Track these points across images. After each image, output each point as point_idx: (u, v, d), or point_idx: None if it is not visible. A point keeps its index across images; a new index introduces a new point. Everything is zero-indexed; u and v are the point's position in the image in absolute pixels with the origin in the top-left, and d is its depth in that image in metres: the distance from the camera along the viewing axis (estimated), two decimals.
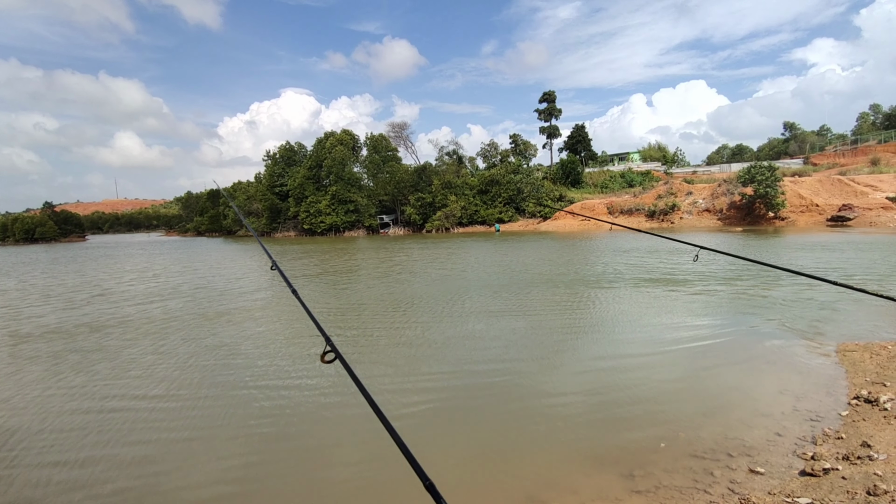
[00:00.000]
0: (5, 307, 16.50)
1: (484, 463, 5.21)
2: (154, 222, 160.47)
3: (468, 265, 23.99)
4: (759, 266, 18.52)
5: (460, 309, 13.03)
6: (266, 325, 12.28)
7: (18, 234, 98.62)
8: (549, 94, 74.97)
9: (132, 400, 7.21)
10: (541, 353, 8.92)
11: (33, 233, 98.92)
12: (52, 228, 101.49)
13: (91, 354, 9.82)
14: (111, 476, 5.12)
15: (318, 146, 74.98)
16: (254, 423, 6.29)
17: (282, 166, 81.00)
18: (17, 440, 6.01)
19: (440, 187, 66.29)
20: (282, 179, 79.61)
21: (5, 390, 7.90)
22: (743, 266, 18.65)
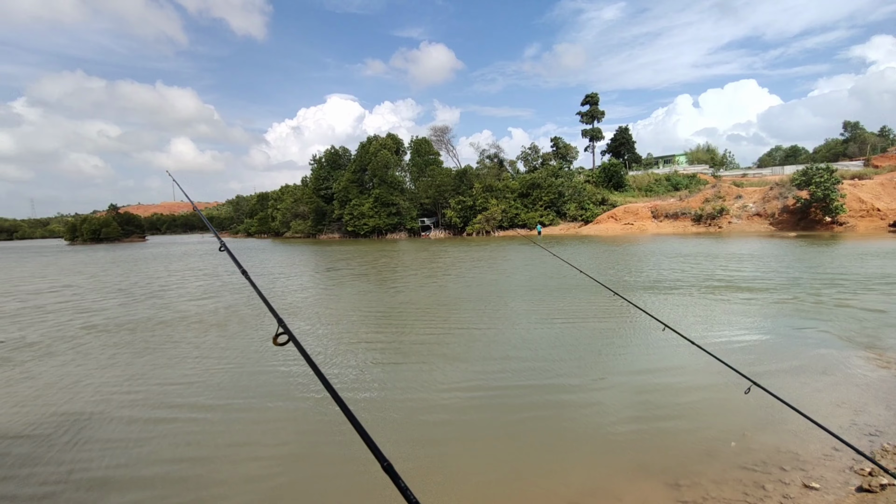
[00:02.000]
0: (78, 299, 17.84)
1: (523, 468, 5.22)
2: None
3: (510, 268, 24.09)
4: (814, 272, 17.84)
5: (503, 312, 13.20)
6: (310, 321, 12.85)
7: (86, 235, 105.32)
8: (592, 97, 73.93)
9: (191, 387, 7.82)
10: (583, 357, 8.95)
11: (99, 233, 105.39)
12: (116, 229, 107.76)
13: (161, 346, 10.59)
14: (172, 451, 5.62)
15: (362, 150, 76.60)
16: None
17: (327, 170, 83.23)
18: (78, 424, 6.65)
19: (481, 190, 66.45)
20: (327, 183, 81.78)
21: (76, 377, 8.68)
22: (798, 272, 17.99)
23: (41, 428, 6.66)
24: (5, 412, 7.32)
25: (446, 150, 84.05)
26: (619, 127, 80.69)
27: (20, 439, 6.33)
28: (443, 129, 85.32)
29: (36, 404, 7.61)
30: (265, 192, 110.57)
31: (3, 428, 6.73)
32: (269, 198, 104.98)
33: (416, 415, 6.73)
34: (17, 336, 12.59)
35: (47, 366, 9.75)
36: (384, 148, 74.17)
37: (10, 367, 9.71)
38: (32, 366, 9.79)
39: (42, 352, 10.88)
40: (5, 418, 7.09)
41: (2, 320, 14.97)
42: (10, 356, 10.59)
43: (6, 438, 6.37)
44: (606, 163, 70.47)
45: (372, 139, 77.25)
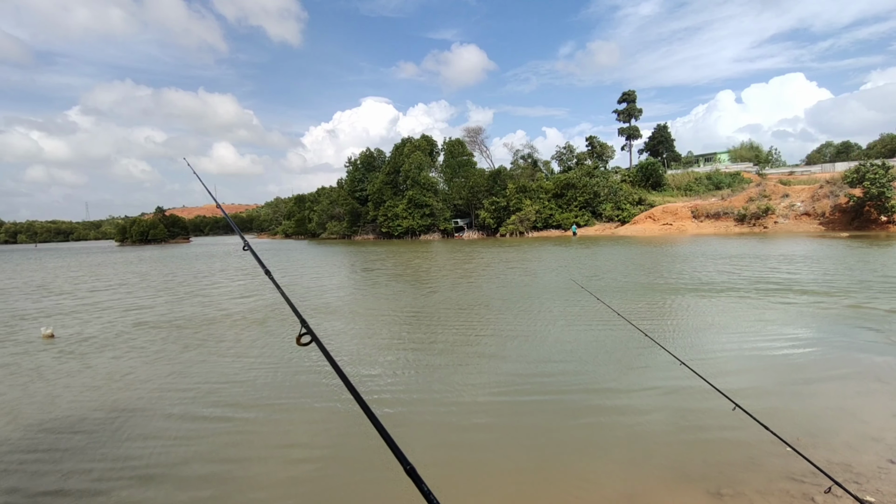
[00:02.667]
0: (130, 297, 18.75)
1: (555, 473, 5.18)
2: (248, 225, 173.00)
3: (544, 269, 23.89)
4: (877, 274, 16.99)
5: (537, 314, 13.14)
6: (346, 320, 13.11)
7: (135, 236, 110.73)
8: (629, 94, 72.46)
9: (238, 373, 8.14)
10: (622, 361, 8.83)
11: (147, 235, 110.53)
12: (163, 231, 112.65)
13: (205, 342, 11.04)
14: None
15: (396, 152, 77.44)
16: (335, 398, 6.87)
17: (362, 172, 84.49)
18: (126, 417, 7.01)
19: (514, 191, 66.09)
20: (362, 184, 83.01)
21: (127, 371, 9.14)
22: (862, 274, 17.18)
23: (92, 421, 7.07)
24: (65, 403, 7.80)
25: (480, 151, 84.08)
26: (658, 125, 78.83)
27: (75, 432, 6.74)
28: (476, 130, 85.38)
29: (90, 397, 8.07)
30: (302, 194, 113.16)
31: (61, 418, 7.18)
32: (305, 200, 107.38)
33: (446, 416, 6.80)
34: (75, 331, 13.34)
35: (102, 359, 10.31)
36: (418, 149, 74.73)
37: (71, 359, 10.32)
38: (88, 359, 10.37)
39: (97, 346, 11.50)
40: (64, 409, 7.56)
41: (63, 316, 15.90)
42: (72, 349, 11.26)
43: (62, 430, 6.80)
44: (644, 162, 68.92)
45: (406, 141, 77.97)
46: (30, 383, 8.99)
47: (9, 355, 11.13)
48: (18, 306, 19.20)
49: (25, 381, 9.10)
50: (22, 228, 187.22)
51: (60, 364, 10.22)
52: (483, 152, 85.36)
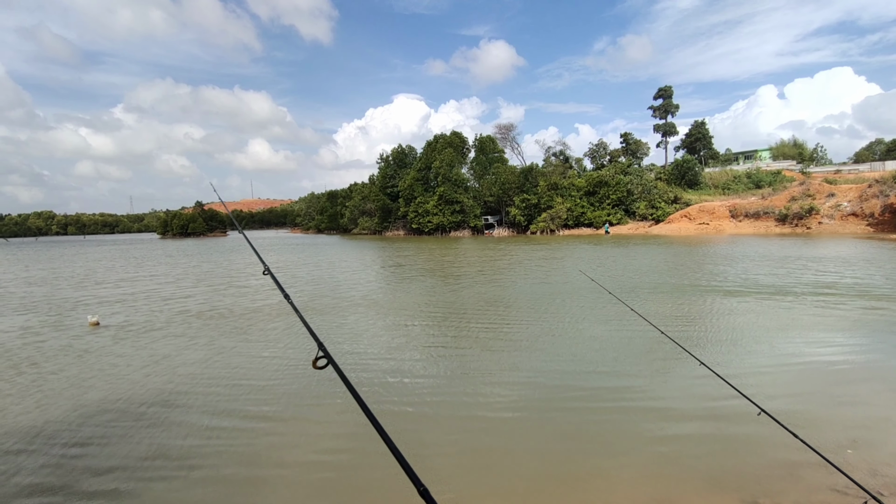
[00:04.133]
0: (172, 287, 19.49)
1: (579, 473, 5.16)
2: (281, 220, 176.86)
3: (575, 267, 23.62)
4: None
5: (567, 310, 13.05)
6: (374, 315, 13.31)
7: (176, 229, 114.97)
8: (666, 90, 70.63)
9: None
10: (653, 363, 8.70)
11: (187, 228, 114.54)
12: (201, 224, 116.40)
13: (242, 332, 11.42)
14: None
15: (427, 148, 77.68)
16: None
17: (394, 168, 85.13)
18: (175, 399, 7.31)
19: (546, 188, 65.44)
20: (393, 181, 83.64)
21: (167, 357, 9.53)
22: None
23: (133, 408, 7.43)
24: (108, 390, 8.21)
25: (511, 148, 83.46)
26: (695, 121, 76.44)
27: (115, 417, 7.09)
28: (507, 127, 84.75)
29: (133, 384, 8.47)
30: (335, 189, 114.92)
31: (104, 403, 7.57)
32: (338, 195, 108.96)
33: (468, 412, 6.86)
34: (120, 320, 13.97)
35: (144, 348, 10.78)
36: (449, 146, 74.77)
37: (115, 347, 10.84)
38: (131, 348, 10.87)
39: (141, 335, 12.03)
40: (107, 396, 7.95)
41: (108, 305, 16.66)
42: (116, 338, 11.81)
43: (105, 414, 7.16)
44: (680, 159, 67.15)
45: (438, 137, 78.08)
46: (76, 370, 9.49)
47: (58, 343, 11.77)
48: (67, 295, 20.21)
49: (72, 369, 9.61)
50: (72, 221, 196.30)
51: (105, 352, 10.75)
52: (514, 149, 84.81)
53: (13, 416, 7.11)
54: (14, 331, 13.16)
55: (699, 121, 75.69)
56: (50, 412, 7.24)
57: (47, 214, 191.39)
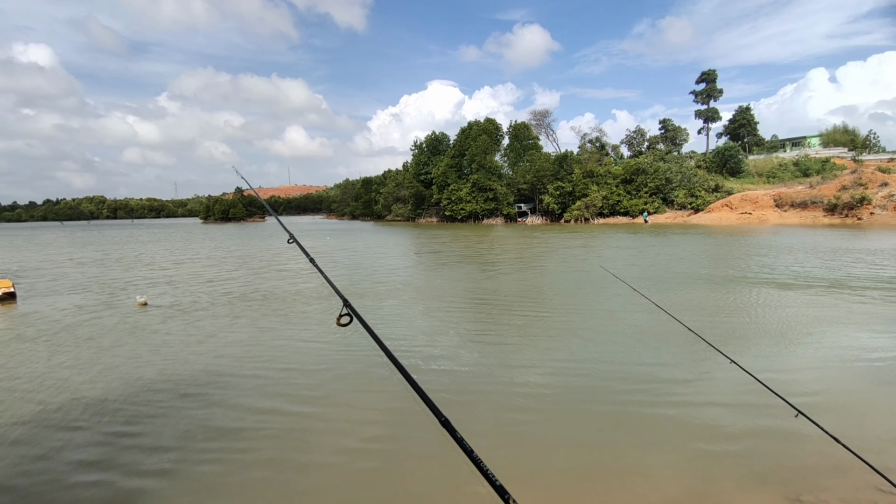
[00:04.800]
0: (212, 268, 20.50)
1: (624, 471, 5.06)
2: (317, 206, 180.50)
3: (611, 256, 23.45)
4: None
5: (604, 299, 13.11)
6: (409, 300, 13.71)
7: (217, 214, 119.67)
8: (709, 74, 68.09)
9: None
10: (693, 356, 8.60)
11: (227, 213, 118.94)
12: (241, 210, 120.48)
13: (281, 312, 12.03)
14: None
15: (461, 135, 77.50)
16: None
17: (427, 155, 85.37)
18: (220, 377, 7.88)
19: (581, 176, 64.43)
20: (427, 168, 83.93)
21: (216, 337, 10.19)
22: None
23: (176, 386, 8.05)
24: (155, 368, 8.90)
25: (546, 135, 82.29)
26: (739, 106, 73.39)
27: (162, 393, 7.72)
28: (542, 113, 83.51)
29: (178, 362, 9.14)
30: (369, 176, 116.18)
31: (155, 381, 8.23)
32: (372, 182, 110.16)
33: (501, 401, 7.00)
34: (166, 301, 14.88)
35: (189, 327, 11.53)
36: (483, 133, 74.40)
37: (162, 326, 11.63)
38: (177, 327, 11.63)
39: (186, 315, 12.82)
40: (154, 373, 8.63)
41: (161, 285, 17.71)
42: (170, 315, 12.64)
43: (153, 390, 7.80)
44: (722, 146, 64.83)
45: (472, 124, 77.75)
46: (129, 347, 10.28)
47: (111, 322, 12.68)
48: (117, 276, 21.51)
49: (126, 346, 10.41)
50: (121, 205, 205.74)
51: (154, 331, 11.55)
52: (549, 136, 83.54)
53: (75, 387, 7.86)
54: (71, 309, 14.23)
55: (744, 106, 72.77)
56: (105, 387, 7.95)
57: (98, 199, 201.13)
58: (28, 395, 7.50)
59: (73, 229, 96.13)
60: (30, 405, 7.11)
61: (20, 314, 13.77)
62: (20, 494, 4.89)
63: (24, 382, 8.10)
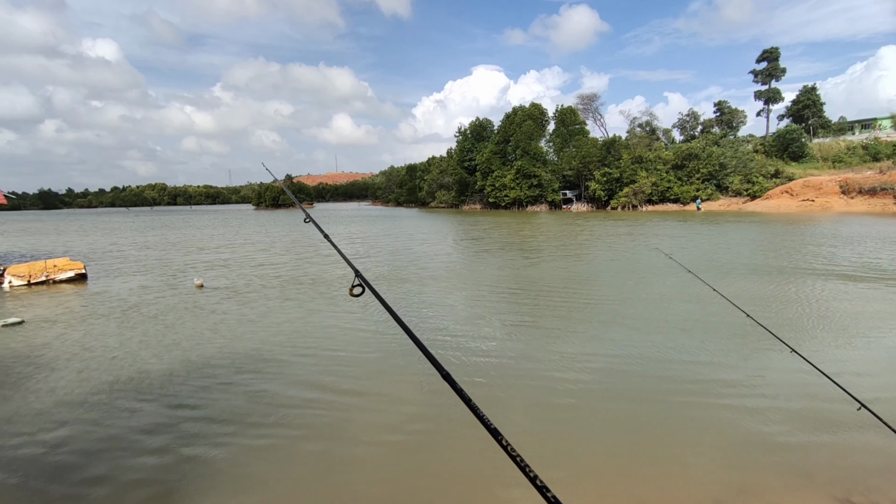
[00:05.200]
0: (263, 252, 21.49)
1: (666, 463, 5.00)
2: (363, 192, 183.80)
3: (661, 245, 22.87)
4: None
5: (651, 291, 12.92)
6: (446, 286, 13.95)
7: (268, 201, 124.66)
8: (771, 52, 64.26)
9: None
10: (741, 349, 8.36)
11: (278, 199, 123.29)
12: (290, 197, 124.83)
13: (325, 296, 12.58)
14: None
15: (506, 121, 76.70)
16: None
17: (471, 141, 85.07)
18: (267, 358, 8.38)
19: (629, 162, 62.55)
20: (471, 154, 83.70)
21: (265, 316, 10.79)
22: None
23: (232, 361, 8.63)
24: (212, 345, 9.55)
25: (593, 119, 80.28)
26: (804, 86, 68.73)
27: (215, 369, 8.30)
28: (590, 97, 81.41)
29: (234, 342, 9.77)
30: (413, 163, 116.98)
31: (210, 359, 8.85)
32: (416, 169, 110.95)
33: (540, 388, 7.06)
34: (221, 283, 15.78)
35: (241, 308, 12.23)
36: (528, 118, 73.35)
37: (224, 305, 12.40)
38: (230, 308, 12.36)
39: (238, 296, 13.59)
40: (212, 350, 9.27)
41: (216, 268, 18.78)
42: (224, 297, 13.45)
43: (207, 367, 8.40)
44: (783, 129, 61.24)
45: (517, 109, 76.73)
46: (190, 326, 11.04)
47: (171, 302, 13.60)
48: (176, 259, 22.89)
49: (185, 326, 11.19)
50: (180, 192, 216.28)
51: (210, 311, 12.33)
52: (597, 120, 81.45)
53: (143, 361, 8.58)
54: (136, 289, 15.34)
55: (808, 86, 68.18)
56: (170, 362, 8.63)
57: (160, 186, 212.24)
58: (103, 366, 8.26)
59: (138, 215, 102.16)
60: (104, 375, 7.84)
61: (91, 293, 14.98)
62: (90, 455, 5.46)
63: (99, 355, 8.91)
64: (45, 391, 7.24)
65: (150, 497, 4.64)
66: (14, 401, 6.91)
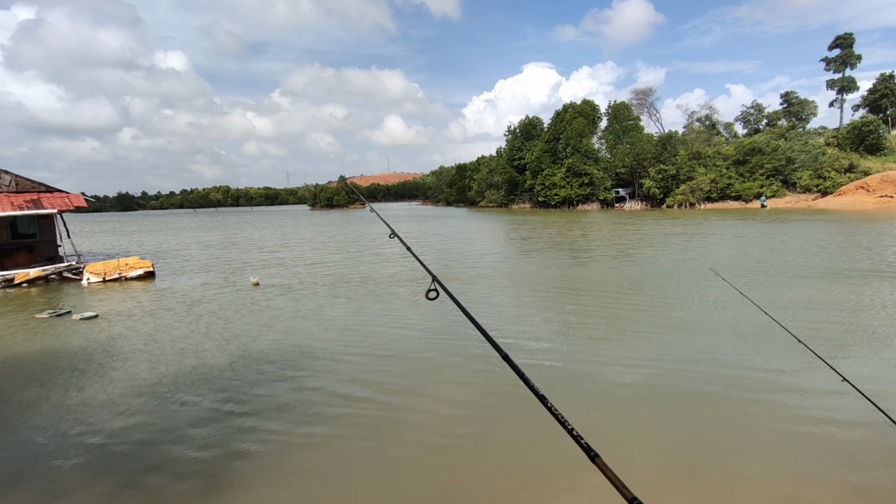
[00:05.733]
0: (316, 252, 22.38)
1: (714, 474, 4.89)
2: (414, 192, 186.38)
3: (721, 244, 22.00)
4: None
5: (704, 295, 12.48)
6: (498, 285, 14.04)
7: (323, 201, 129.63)
8: (845, 38, 59.93)
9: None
10: (800, 359, 7.77)
11: (332, 200, 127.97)
12: (344, 197, 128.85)
13: (377, 295, 13.02)
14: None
15: (556, 119, 75.62)
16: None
17: (521, 140, 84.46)
18: (321, 355, 8.81)
19: (686, 158, 60.10)
20: (520, 153, 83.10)
21: (323, 317, 11.31)
22: None
23: (289, 354, 9.14)
24: (268, 338, 10.13)
25: (648, 115, 77.61)
26: (881, 74, 63.55)
27: (270, 362, 8.81)
28: (645, 92, 78.73)
29: (285, 334, 10.32)
30: (463, 163, 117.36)
31: (266, 349, 9.40)
32: (466, 168, 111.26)
33: (590, 393, 6.93)
34: (275, 281, 16.60)
35: (294, 304, 12.86)
36: (580, 115, 71.97)
37: (278, 301, 13.10)
38: (284, 304, 13.02)
39: (291, 293, 14.28)
40: (270, 342, 9.84)
41: (272, 267, 19.77)
42: (278, 294, 14.20)
43: (261, 360, 8.94)
44: (858, 120, 56.93)
45: (567, 107, 75.45)
46: (249, 320, 11.75)
47: (230, 298, 14.47)
48: (235, 257, 24.21)
49: (244, 320, 11.90)
50: (242, 194, 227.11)
51: (265, 307, 13.04)
52: (652, 116, 78.66)
53: (205, 352, 9.26)
54: (199, 285, 16.42)
55: (886, 73, 62.98)
56: (230, 354, 9.25)
57: (224, 188, 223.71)
58: (167, 358, 8.97)
59: (203, 216, 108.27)
60: (168, 366, 8.51)
61: (159, 289, 16.17)
62: (148, 444, 5.96)
63: (165, 346, 9.67)
64: (115, 380, 7.92)
65: (203, 489, 4.90)
66: (87, 389, 7.60)
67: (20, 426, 6.42)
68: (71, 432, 6.17)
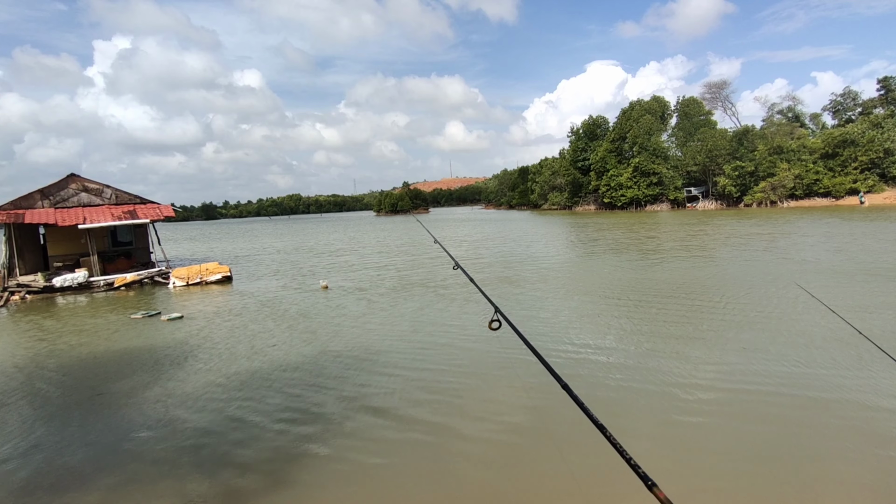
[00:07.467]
0: (383, 256, 23.09)
1: (797, 495, 4.66)
2: (476, 196, 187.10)
3: (806, 246, 20.48)
4: None
5: (782, 302, 11.77)
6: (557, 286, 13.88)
7: (387, 207, 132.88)
8: None
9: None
10: (883, 371, 7.21)
11: (396, 205, 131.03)
12: (408, 202, 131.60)
13: (442, 300, 13.29)
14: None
15: (622, 117, 73.25)
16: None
17: (584, 141, 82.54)
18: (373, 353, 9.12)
19: (766, 153, 56.14)
20: (584, 154, 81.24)
21: (380, 318, 11.71)
22: None
23: (352, 355, 9.55)
24: (344, 339, 10.64)
25: (723, 109, 73.34)
26: None
27: (338, 359, 9.24)
28: (719, 85, 74.38)
29: (354, 335, 10.79)
30: (525, 166, 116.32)
31: (338, 351, 9.88)
32: (528, 171, 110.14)
33: (662, 404, 6.64)
34: (344, 285, 17.32)
35: (362, 307, 13.39)
36: (647, 112, 69.27)
37: (347, 304, 13.70)
38: (352, 307, 13.58)
39: (359, 296, 14.86)
40: (343, 343, 10.32)
41: (340, 271, 20.66)
42: (346, 296, 14.85)
43: (339, 364, 9.39)
44: None
45: (634, 104, 72.88)
46: (319, 322, 12.39)
47: (304, 300, 15.28)
48: (305, 262, 25.43)
49: (316, 320, 12.56)
50: (312, 201, 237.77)
51: (338, 310, 13.68)
52: (727, 110, 74.21)
53: (284, 349, 9.91)
54: (274, 289, 17.46)
55: None
56: (306, 353, 9.86)
57: (296, 197, 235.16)
58: (243, 356, 9.68)
59: (276, 223, 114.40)
60: (244, 362, 9.20)
61: (237, 292, 17.35)
62: (221, 436, 6.49)
63: (241, 346, 10.43)
64: (193, 376, 8.65)
65: (267, 485, 5.14)
66: (169, 384, 8.36)
67: (108, 415, 7.17)
68: (150, 423, 6.80)
